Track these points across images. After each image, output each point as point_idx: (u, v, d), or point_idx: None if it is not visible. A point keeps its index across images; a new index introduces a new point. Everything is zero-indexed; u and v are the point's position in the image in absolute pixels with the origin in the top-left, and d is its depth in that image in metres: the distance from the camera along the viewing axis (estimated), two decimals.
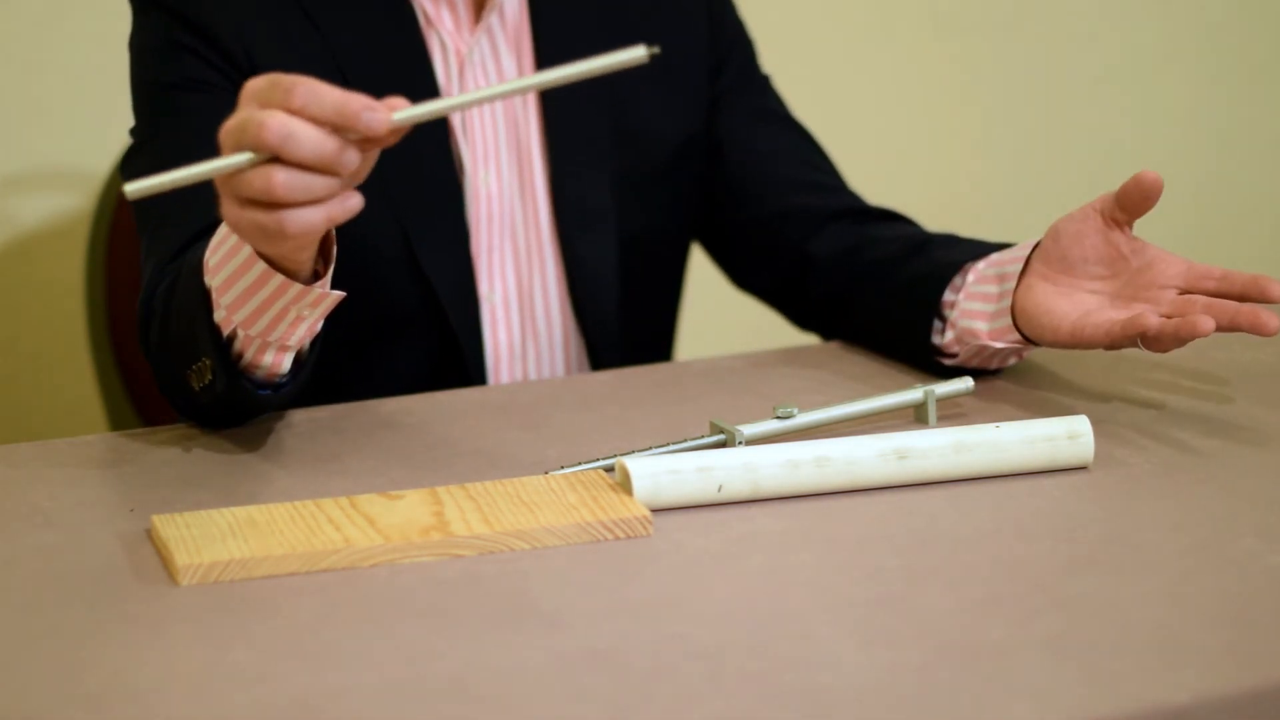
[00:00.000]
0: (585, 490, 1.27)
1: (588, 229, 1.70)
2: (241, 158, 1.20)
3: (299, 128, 1.19)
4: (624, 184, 1.72)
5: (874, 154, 2.70)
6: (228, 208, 1.24)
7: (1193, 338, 1.37)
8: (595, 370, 1.73)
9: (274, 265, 1.30)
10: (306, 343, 1.40)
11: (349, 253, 1.45)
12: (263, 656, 1.07)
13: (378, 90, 1.65)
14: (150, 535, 1.24)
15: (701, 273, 1.95)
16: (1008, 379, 1.54)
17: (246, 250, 1.30)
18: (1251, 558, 1.18)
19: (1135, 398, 1.49)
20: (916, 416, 1.43)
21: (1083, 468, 1.34)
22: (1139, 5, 2.91)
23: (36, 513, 1.29)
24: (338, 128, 1.20)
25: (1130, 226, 1.46)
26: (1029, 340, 1.49)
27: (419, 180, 1.65)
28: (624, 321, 1.74)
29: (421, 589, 1.15)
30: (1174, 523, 1.24)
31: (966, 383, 1.44)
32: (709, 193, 1.79)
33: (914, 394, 1.42)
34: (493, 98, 1.24)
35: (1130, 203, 1.43)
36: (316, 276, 1.33)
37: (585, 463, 1.34)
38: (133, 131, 1.65)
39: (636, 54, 1.19)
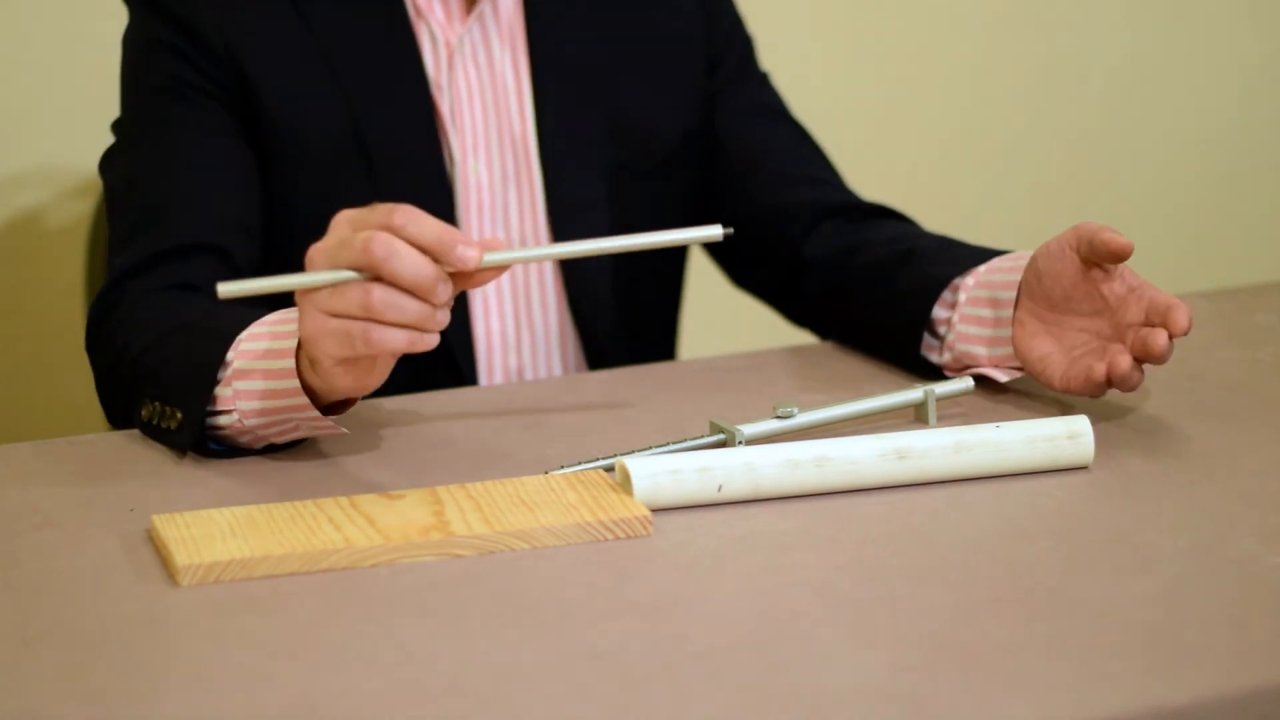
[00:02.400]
0: (585, 490, 1.27)
1: (580, 222, 1.71)
2: (342, 274, 1.24)
3: (402, 248, 1.23)
4: (618, 178, 1.73)
5: (874, 151, 2.70)
6: (310, 317, 1.27)
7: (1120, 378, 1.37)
8: (591, 363, 1.73)
9: (307, 387, 1.32)
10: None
11: None
12: (263, 656, 1.07)
13: (364, 80, 1.67)
14: (150, 535, 1.24)
15: (702, 272, 1.95)
16: None
17: (290, 360, 1.32)
18: (1251, 558, 1.18)
19: (1135, 398, 1.49)
20: (916, 416, 1.43)
21: (1083, 468, 1.34)
22: (1142, 3, 2.91)
23: (36, 513, 1.29)
24: (432, 255, 1.24)
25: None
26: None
27: (406, 169, 1.66)
28: (619, 315, 1.74)
29: (421, 589, 1.15)
30: (1174, 523, 1.24)
31: (966, 383, 1.44)
32: (708, 188, 1.79)
33: (914, 394, 1.42)
34: (580, 254, 1.33)
35: (1098, 257, 1.40)
36: (329, 409, 1.35)
37: (585, 463, 1.34)
38: (114, 125, 1.67)
39: (713, 232, 1.31)
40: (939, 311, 1.53)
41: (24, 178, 2.32)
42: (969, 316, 1.50)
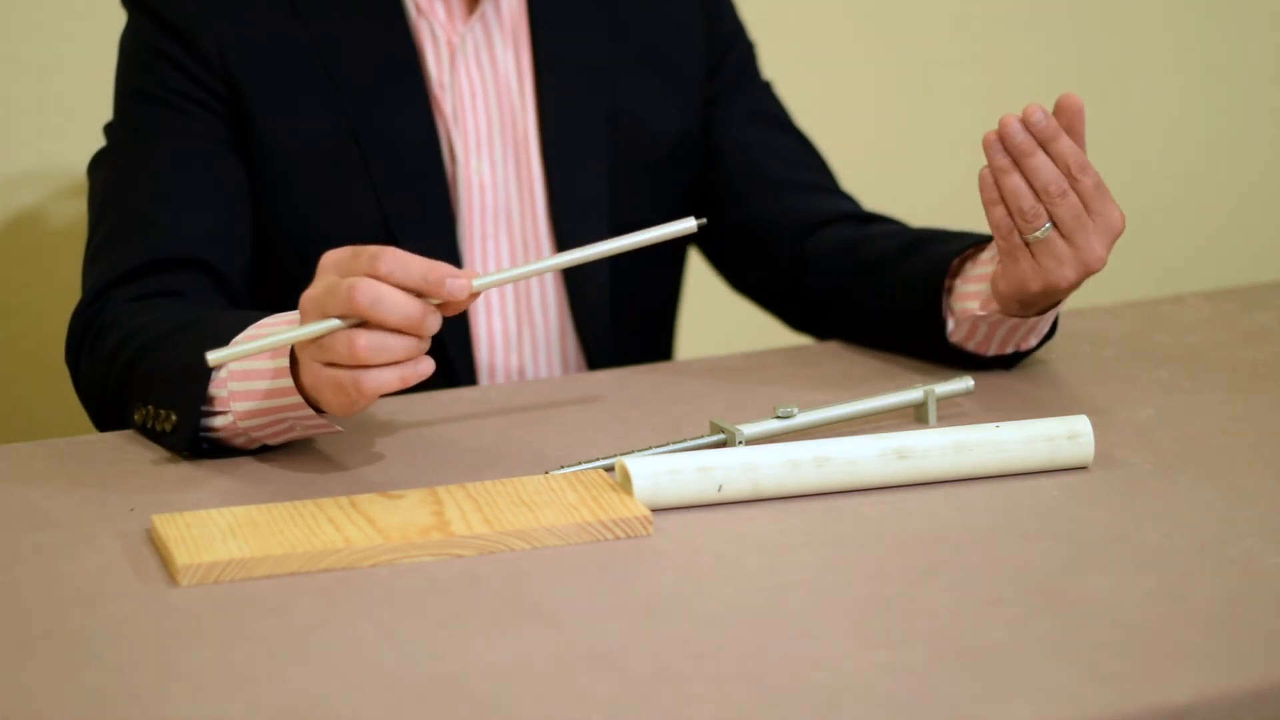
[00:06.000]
0: (585, 490, 1.27)
1: (580, 220, 1.71)
2: (329, 324, 1.25)
3: (387, 293, 1.23)
4: (618, 177, 1.73)
5: (876, 156, 2.70)
6: (307, 368, 1.28)
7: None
8: (590, 363, 1.73)
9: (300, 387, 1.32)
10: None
11: (329, 236, 1.46)
12: (263, 656, 1.07)
13: (362, 81, 1.67)
14: (150, 535, 1.24)
15: (702, 273, 1.95)
16: (1008, 379, 1.54)
17: (284, 360, 1.32)
18: (1251, 558, 1.18)
19: (1135, 398, 1.49)
20: (916, 416, 1.43)
21: (1083, 468, 1.34)
22: (1142, 4, 2.91)
23: (36, 513, 1.29)
24: (421, 293, 1.25)
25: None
26: (1006, 307, 1.48)
27: (404, 166, 1.66)
28: (615, 314, 1.74)
29: (421, 589, 1.15)
30: (1174, 523, 1.24)
31: (966, 383, 1.44)
32: (706, 192, 1.79)
33: (914, 394, 1.42)
34: (563, 265, 1.33)
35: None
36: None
37: (585, 463, 1.34)
38: (107, 129, 1.67)
39: (687, 225, 1.31)
40: (947, 283, 1.54)
41: (24, 178, 2.32)
42: (971, 277, 1.52)
